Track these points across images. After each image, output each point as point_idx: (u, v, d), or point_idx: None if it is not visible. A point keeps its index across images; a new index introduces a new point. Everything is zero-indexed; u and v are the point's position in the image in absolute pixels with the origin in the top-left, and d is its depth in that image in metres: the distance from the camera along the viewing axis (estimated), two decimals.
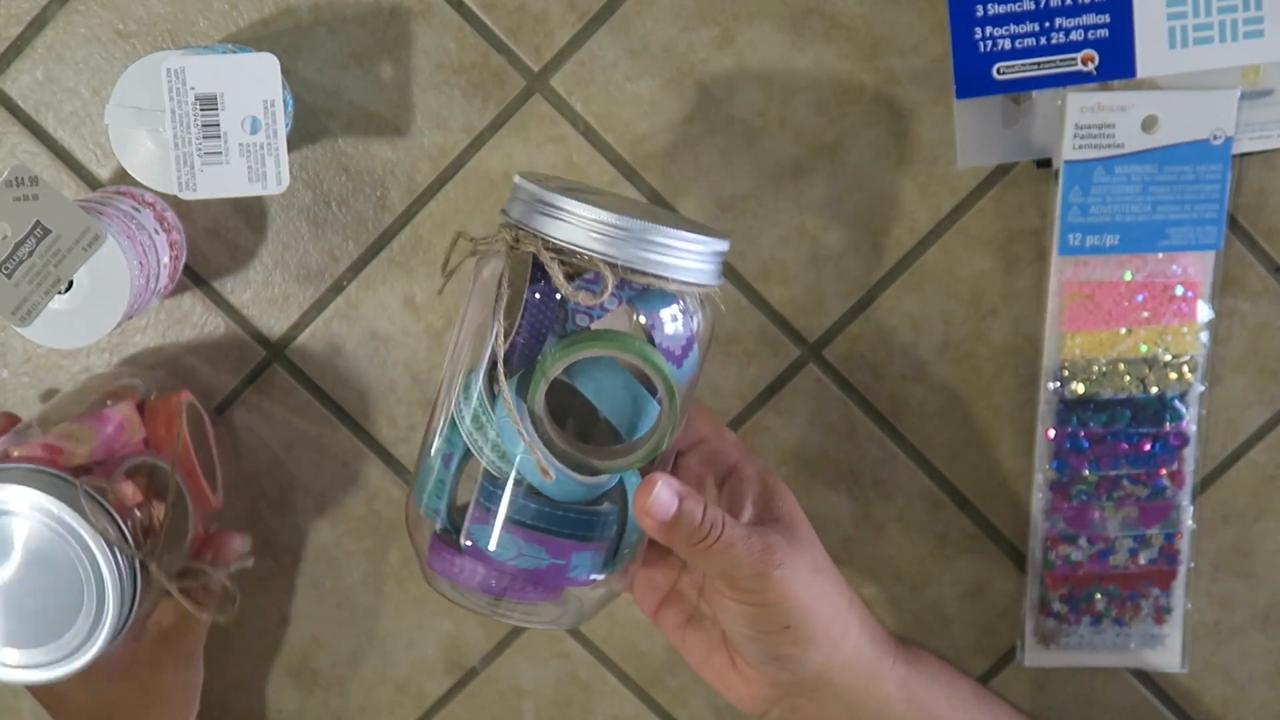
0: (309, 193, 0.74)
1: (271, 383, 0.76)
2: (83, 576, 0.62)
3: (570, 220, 0.59)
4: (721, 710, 0.81)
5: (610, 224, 0.59)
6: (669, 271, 0.60)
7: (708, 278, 0.61)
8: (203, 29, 0.72)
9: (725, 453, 0.68)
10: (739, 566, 0.62)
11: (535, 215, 0.60)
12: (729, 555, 0.61)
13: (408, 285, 0.75)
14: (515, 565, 0.62)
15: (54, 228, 0.62)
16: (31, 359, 0.75)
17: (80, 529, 0.61)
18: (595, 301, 0.59)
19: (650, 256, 0.59)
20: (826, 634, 0.64)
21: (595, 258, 0.59)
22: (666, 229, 0.60)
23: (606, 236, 0.59)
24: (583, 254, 0.59)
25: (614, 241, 0.59)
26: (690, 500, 0.60)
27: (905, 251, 0.76)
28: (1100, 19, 0.70)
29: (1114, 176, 0.72)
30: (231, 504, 0.74)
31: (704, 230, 0.62)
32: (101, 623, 0.62)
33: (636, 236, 0.59)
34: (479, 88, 0.73)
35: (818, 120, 0.74)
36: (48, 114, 0.73)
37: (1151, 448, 0.76)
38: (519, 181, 0.61)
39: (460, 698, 0.81)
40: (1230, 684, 0.81)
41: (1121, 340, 0.75)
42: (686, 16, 0.73)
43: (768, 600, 0.62)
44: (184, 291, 0.75)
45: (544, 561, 0.62)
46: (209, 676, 0.79)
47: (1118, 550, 0.77)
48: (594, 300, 0.59)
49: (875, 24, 0.73)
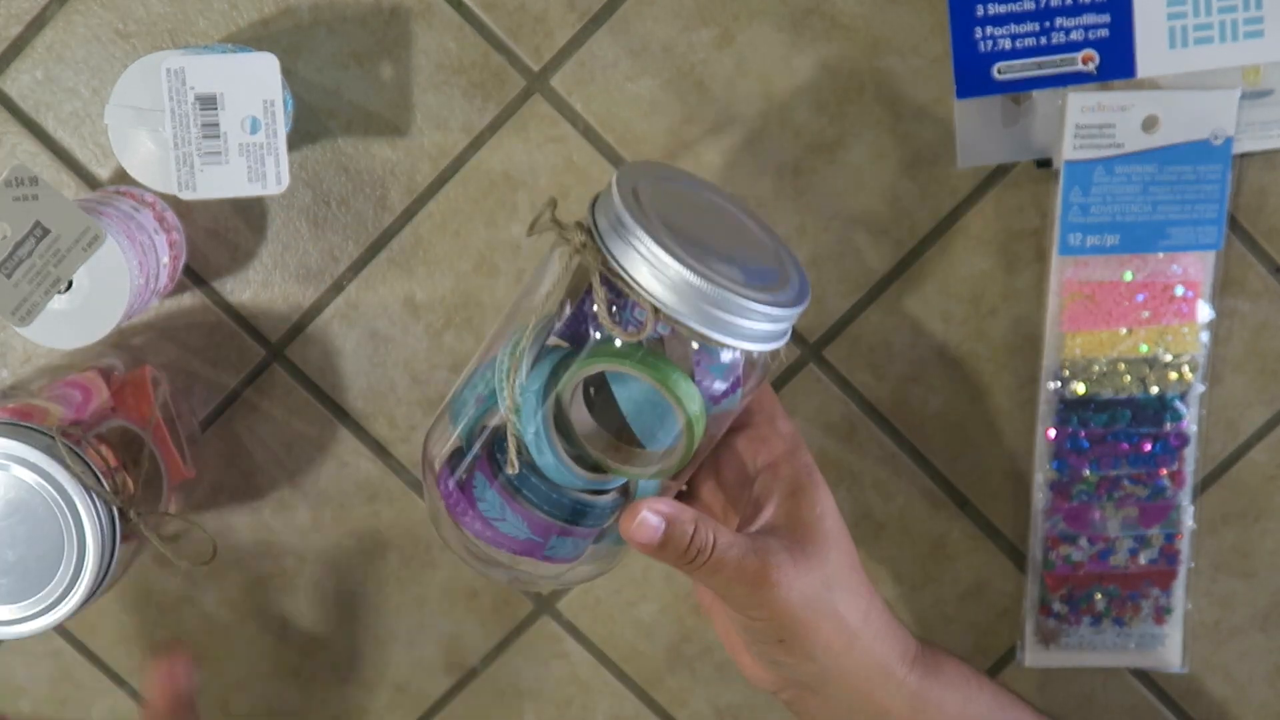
0: (309, 193, 0.74)
1: (271, 383, 0.76)
2: (62, 525, 0.62)
3: (639, 252, 0.57)
4: (721, 710, 0.81)
5: (677, 277, 0.56)
6: (729, 334, 0.57)
7: (771, 341, 0.59)
8: (203, 29, 0.72)
9: (771, 444, 0.66)
10: (730, 585, 0.61)
11: (610, 229, 0.58)
12: (719, 575, 0.61)
13: (408, 285, 0.75)
14: (496, 527, 0.62)
15: (54, 228, 0.62)
16: (31, 359, 0.75)
17: (59, 476, 0.61)
18: (633, 338, 0.58)
19: (714, 315, 0.57)
20: (826, 649, 0.63)
21: (649, 300, 0.57)
22: (738, 298, 0.56)
23: (673, 288, 0.57)
24: (638, 291, 0.57)
25: (679, 294, 0.57)
26: (679, 524, 0.59)
27: (905, 251, 0.76)
28: (1100, 19, 0.70)
29: (1114, 176, 0.72)
30: (202, 476, 0.74)
31: (786, 282, 0.59)
32: (82, 573, 0.62)
33: (704, 297, 0.57)
34: (479, 88, 0.73)
35: (818, 120, 0.74)
36: (48, 114, 0.73)
37: (1152, 448, 0.76)
38: (613, 185, 0.59)
39: (460, 698, 0.81)
40: (1230, 684, 0.81)
41: (1122, 340, 0.75)
42: (686, 16, 0.73)
43: (760, 616, 0.62)
44: (184, 291, 0.75)
45: (523, 534, 0.62)
46: (209, 676, 0.79)
47: (1118, 550, 0.77)
48: (631, 338, 0.58)
49: (875, 24, 0.73)
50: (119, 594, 0.78)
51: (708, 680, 0.81)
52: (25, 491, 0.62)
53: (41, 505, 0.62)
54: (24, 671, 0.79)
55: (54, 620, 0.63)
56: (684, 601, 0.80)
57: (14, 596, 0.63)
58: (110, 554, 0.63)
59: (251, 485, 0.77)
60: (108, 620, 0.79)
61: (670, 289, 0.57)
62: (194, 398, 0.76)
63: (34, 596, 0.62)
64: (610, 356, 0.59)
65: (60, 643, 0.79)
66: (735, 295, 0.57)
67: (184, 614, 0.79)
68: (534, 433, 0.60)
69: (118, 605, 0.78)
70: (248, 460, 0.77)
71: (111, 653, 0.79)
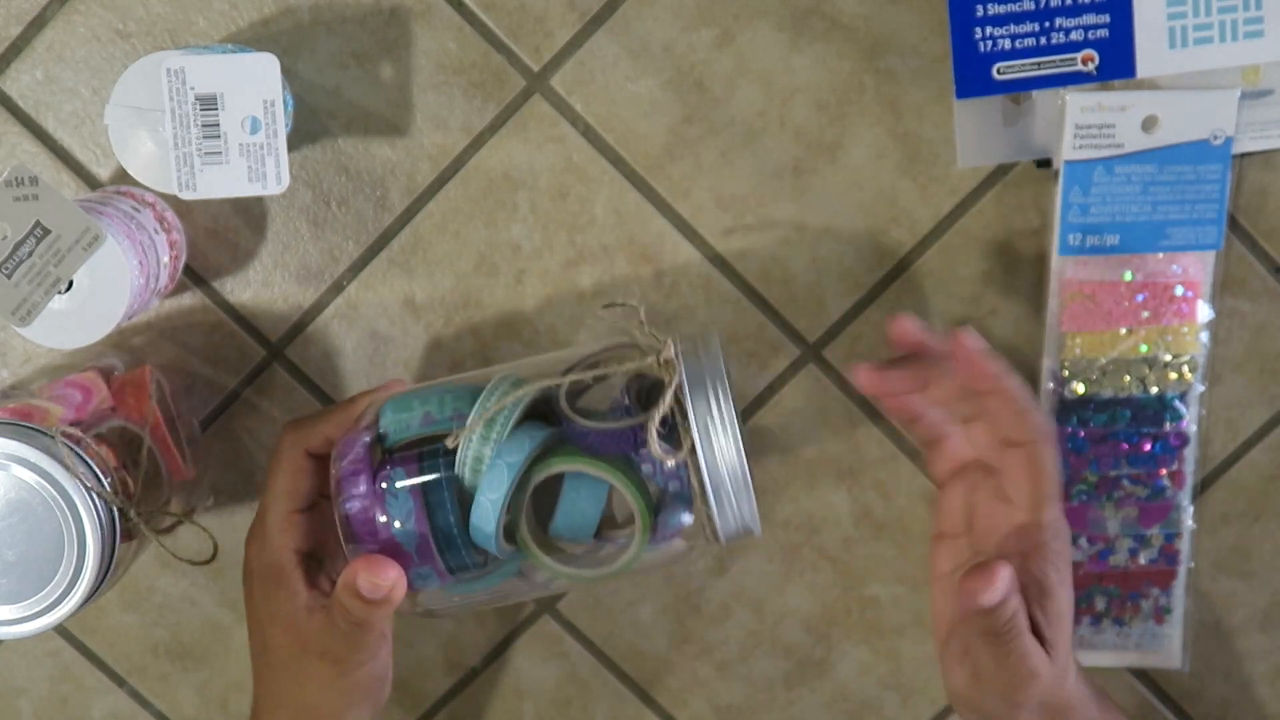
0: (309, 193, 0.74)
1: (271, 383, 0.76)
2: (62, 525, 0.62)
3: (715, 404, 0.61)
4: (722, 710, 0.81)
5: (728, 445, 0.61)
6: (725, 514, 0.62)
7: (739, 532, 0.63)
8: (203, 29, 0.72)
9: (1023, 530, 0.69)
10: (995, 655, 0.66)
11: (699, 368, 0.61)
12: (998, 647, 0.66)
13: (408, 285, 0.75)
14: (389, 531, 0.63)
15: (54, 228, 0.62)
16: (31, 359, 0.75)
17: (58, 475, 0.61)
18: (664, 459, 0.61)
19: (724, 493, 0.61)
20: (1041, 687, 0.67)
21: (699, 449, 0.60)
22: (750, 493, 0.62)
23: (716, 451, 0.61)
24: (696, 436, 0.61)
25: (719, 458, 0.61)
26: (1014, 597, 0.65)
27: (905, 251, 0.76)
28: (1100, 19, 0.70)
29: (1114, 176, 0.72)
30: (202, 476, 0.74)
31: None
32: (82, 573, 0.62)
33: (734, 476, 0.61)
34: (479, 88, 0.73)
35: (818, 120, 0.74)
36: (48, 114, 0.73)
37: (1151, 448, 0.76)
38: (716, 336, 0.63)
39: (460, 698, 0.81)
40: (1230, 684, 0.81)
41: (1121, 340, 0.75)
42: (686, 16, 0.73)
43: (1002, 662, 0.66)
44: (184, 291, 0.75)
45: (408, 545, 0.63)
46: (209, 676, 0.79)
47: (1118, 550, 0.77)
48: (663, 458, 0.61)
49: (875, 24, 0.73)
50: (119, 594, 0.78)
51: (708, 680, 0.81)
52: (25, 491, 0.62)
53: (41, 505, 0.62)
54: (24, 671, 0.79)
55: (54, 620, 0.63)
56: (684, 602, 0.80)
57: (14, 596, 0.63)
58: (110, 554, 0.63)
59: (251, 485, 0.77)
60: (108, 620, 0.79)
61: (712, 449, 0.61)
62: (194, 398, 0.76)
63: (34, 596, 0.62)
64: (593, 463, 0.62)
65: (60, 643, 0.79)
66: (749, 492, 0.62)
67: (184, 614, 0.79)
68: (490, 499, 0.62)
69: (118, 605, 0.78)
70: (248, 460, 0.77)
71: (111, 653, 0.79)
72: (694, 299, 0.75)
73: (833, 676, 0.81)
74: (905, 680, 0.81)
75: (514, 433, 0.62)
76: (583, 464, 0.62)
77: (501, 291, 0.75)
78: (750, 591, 0.80)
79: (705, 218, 0.75)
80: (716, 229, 0.75)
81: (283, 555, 0.67)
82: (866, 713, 0.81)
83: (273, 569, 0.67)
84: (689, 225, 0.75)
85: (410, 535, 0.63)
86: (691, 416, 0.61)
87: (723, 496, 0.61)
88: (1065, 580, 0.67)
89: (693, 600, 0.79)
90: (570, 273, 0.75)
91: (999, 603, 0.64)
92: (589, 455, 0.62)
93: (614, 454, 0.63)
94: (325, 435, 0.68)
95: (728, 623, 0.80)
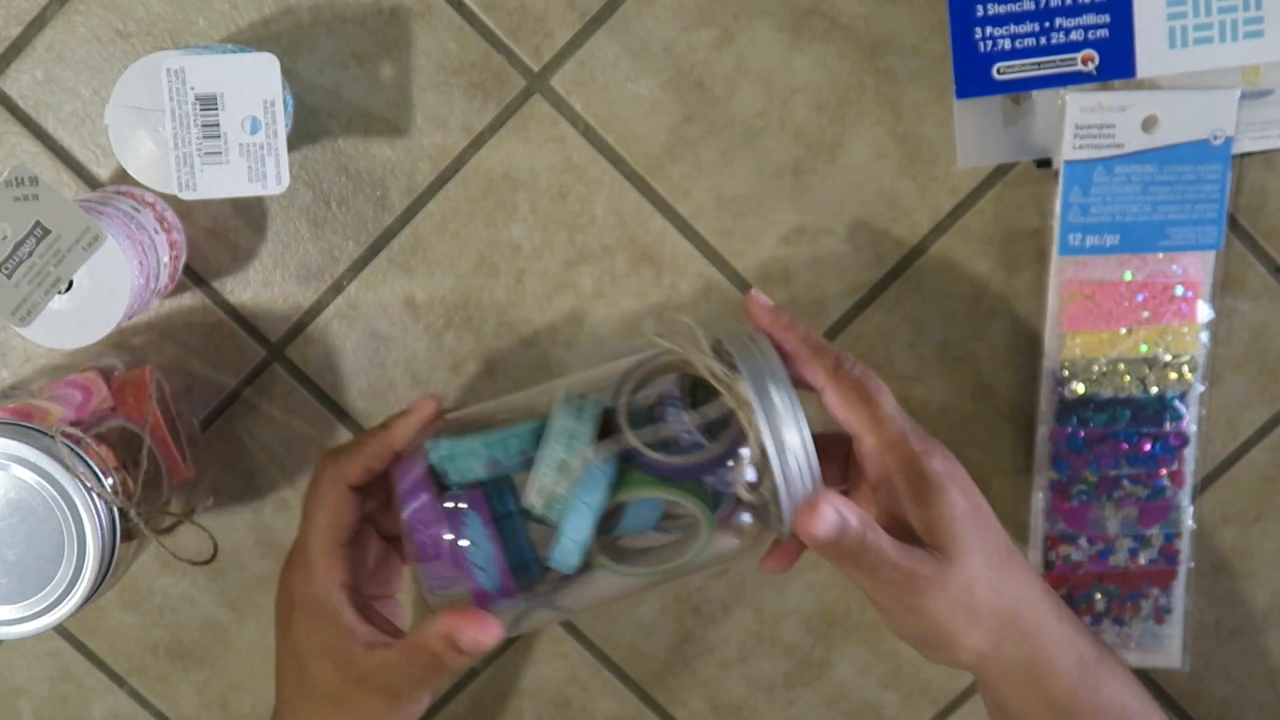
0: (309, 193, 0.74)
1: (271, 383, 0.76)
2: (62, 525, 0.62)
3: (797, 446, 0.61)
4: (722, 710, 0.81)
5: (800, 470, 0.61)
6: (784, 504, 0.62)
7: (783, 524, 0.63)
8: (203, 29, 0.72)
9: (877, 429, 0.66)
10: (882, 590, 0.63)
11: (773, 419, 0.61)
12: (874, 578, 0.63)
13: (408, 285, 0.75)
14: (475, 583, 0.63)
15: (54, 228, 0.62)
16: (31, 359, 0.75)
17: (59, 476, 0.61)
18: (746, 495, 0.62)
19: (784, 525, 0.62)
20: (970, 650, 0.65)
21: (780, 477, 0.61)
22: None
23: (786, 477, 0.61)
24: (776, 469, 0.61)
25: (789, 486, 0.61)
26: (855, 522, 0.62)
27: (905, 251, 0.76)
28: (1100, 19, 0.70)
29: (1114, 176, 0.72)
30: (202, 476, 0.74)
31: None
32: (82, 573, 0.62)
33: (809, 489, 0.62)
34: (479, 88, 0.73)
35: (818, 120, 0.74)
36: (48, 114, 0.73)
37: (1151, 448, 0.76)
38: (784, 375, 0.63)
39: (460, 698, 0.81)
40: (1230, 684, 0.81)
41: (1121, 340, 0.75)
42: (686, 16, 0.73)
43: (906, 621, 0.65)
44: (184, 291, 0.75)
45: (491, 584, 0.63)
46: (209, 676, 0.79)
47: (1118, 550, 0.77)
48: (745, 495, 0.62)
49: (875, 24, 0.73)
50: (119, 594, 0.78)
51: (708, 680, 0.81)
52: (25, 491, 0.62)
53: (41, 505, 0.62)
54: (24, 671, 0.79)
55: (54, 620, 0.63)
56: (684, 602, 0.80)
57: (14, 596, 0.63)
58: (110, 554, 0.63)
59: (251, 485, 0.77)
60: (108, 620, 0.79)
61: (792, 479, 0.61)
62: (194, 398, 0.76)
63: (34, 596, 0.62)
64: (669, 489, 0.62)
65: (60, 643, 0.79)
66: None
67: (184, 614, 0.79)
68: (575, 540, 0.62)
69: (118, 605, 0.78)
70: (248, 460, 0.77)
71: (111, 653, 0.79)
72: (694, 299, 0.75)
73: (833, 676, 0.81)
74: (905, 680, 0.81)
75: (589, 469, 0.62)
76: (658, 491, 0.62)
77: (501, 291, 0.75)
78: (750, 591, 0.80)
79: (705, 218, 0.75)
80: (716, 229, 0.75)
81: (332, 591, 0.67)
82: (866, 713, 0.81)
83: (321, 604, 0.67)
84: (689, 225, 0.75)
85: (493, 579, 0.63)
86: (775, 464, 0.61)
87: (793, 505, 0.62)
88: (954, 473, 0.65)
89: (693, 600, 0.79)
90: (570, 273, 0.75)
91: (835, 530, 0.61)
92: (662, 483, 0.62)
93: (687, 480, 0.62)
94: (365, 467, 0.67)
95: (728, 623, 0.80)
